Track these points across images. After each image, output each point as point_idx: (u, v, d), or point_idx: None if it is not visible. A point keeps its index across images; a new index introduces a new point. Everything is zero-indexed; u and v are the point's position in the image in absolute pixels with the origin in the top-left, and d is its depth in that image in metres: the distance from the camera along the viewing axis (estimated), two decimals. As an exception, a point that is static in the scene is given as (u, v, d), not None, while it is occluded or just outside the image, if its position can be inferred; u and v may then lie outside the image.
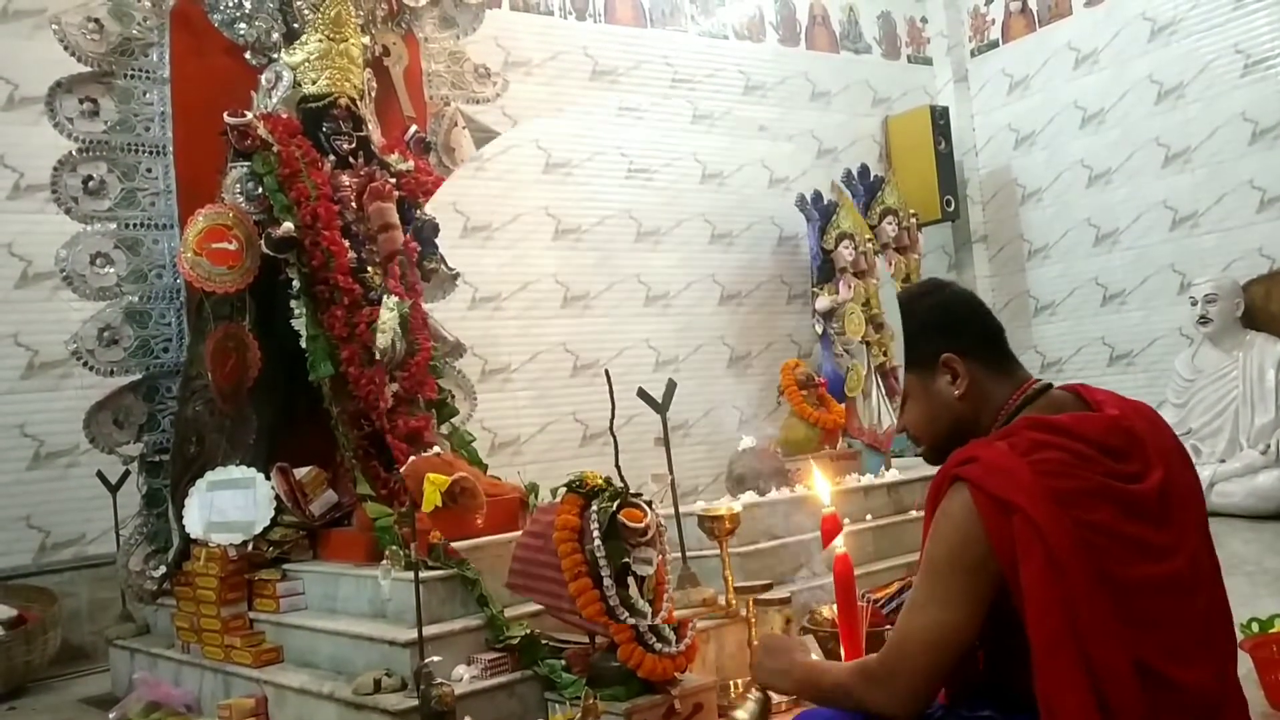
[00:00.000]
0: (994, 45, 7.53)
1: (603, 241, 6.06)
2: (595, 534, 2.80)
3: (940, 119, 7.22)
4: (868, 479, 4.69)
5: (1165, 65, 6.58)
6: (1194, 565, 1.75)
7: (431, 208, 4.45)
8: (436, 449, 3.79)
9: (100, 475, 4.35)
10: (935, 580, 1.75)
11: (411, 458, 3.60)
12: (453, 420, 4.26)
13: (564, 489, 2.94)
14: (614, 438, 3.11)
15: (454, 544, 3.35)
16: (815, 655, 2.16)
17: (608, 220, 6.09)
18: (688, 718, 2.95)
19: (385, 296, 3.84)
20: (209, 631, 3.68)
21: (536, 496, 3.74)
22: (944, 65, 7.71)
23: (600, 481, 2.92)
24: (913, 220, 6.55)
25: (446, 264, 4.45)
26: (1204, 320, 5.78)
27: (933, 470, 1.88)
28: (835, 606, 3.47)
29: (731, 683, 3.30)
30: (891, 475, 4.84)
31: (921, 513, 4.15)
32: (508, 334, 5.61)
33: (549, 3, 6.13)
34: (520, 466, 4.81)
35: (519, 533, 3.28)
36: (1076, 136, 7.08)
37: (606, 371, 3.22)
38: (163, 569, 3.96)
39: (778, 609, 3.51)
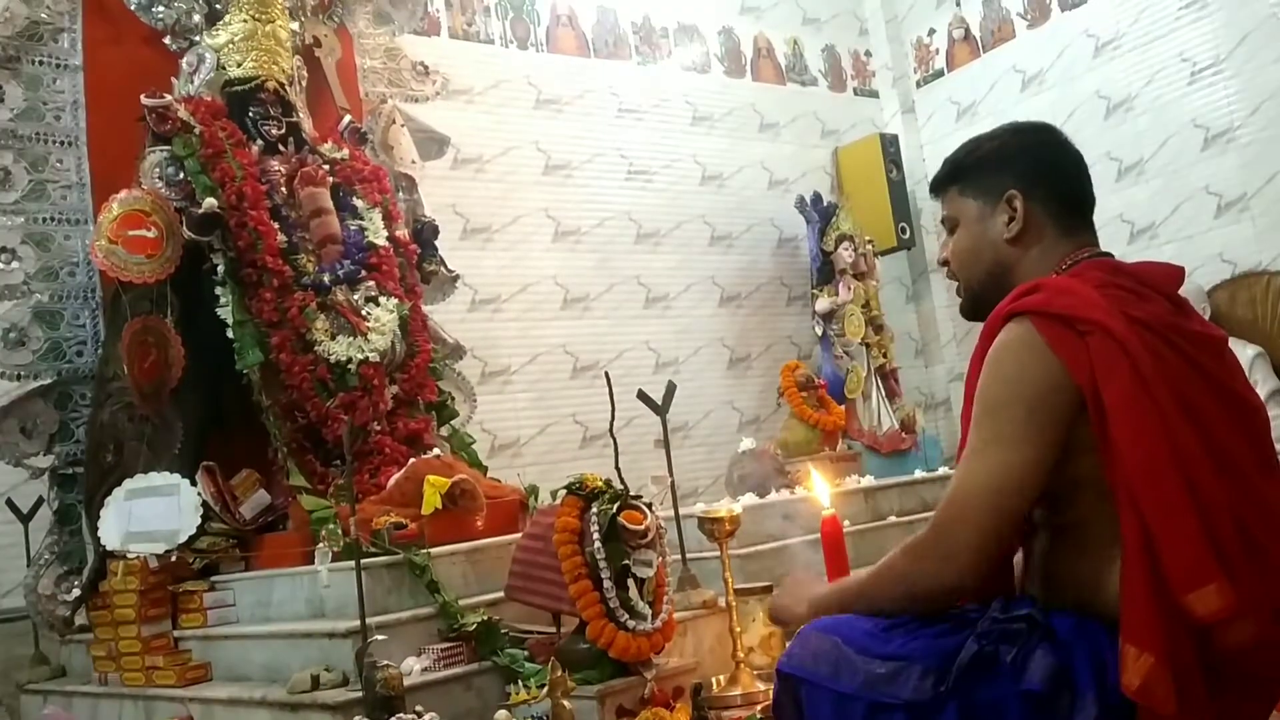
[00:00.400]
0: (939, 74, 7.48)
1: (602, 243, 5.96)
2: (595, 536, 2.67)
3: (890, 146, 7.13)
4: (868, 480, 4.52)
5: (1112, 80, 6.55)
6: (1259, 417, 1.56)
7: (431, 210, 4.47)
8: (436, 451, 3.68)
9: (10, 503, 3.95)
10: (992, 420, 1.53)
11: (411, 460, 3.48)
12: (452, 422, 4.14)
13: (564, 491, 2.81)
14: (614, 440, 3.01)
15: (455, 545, 3.19)
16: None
17: (607, 222, 6.00)
18: (667, 703, 2.69)
19: (384, 298, 3.75)
20: (128, 655, 3.31)
21: (536, 499, 3.61)
22: (890, 97, 7.64)
23: (600, 484, 2.79)
24: (869, 246, 6.44)
25: (446, 266, 4.42)
26: (1172, 326, 5.67)
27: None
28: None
29: (714, 679, 3.04)
30: (868, 480, 4.65)
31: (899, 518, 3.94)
32: (507, 336, 5.49)
33: (489, 31, 6.01)
34: (520, 468, 4.70)
35: (519, 535, 3.12)
36: (1028, 160, 7.01)
37: (606, 374, 3.12)
38: (76, 590, 3.59)
39: (759, 598, 3.32)
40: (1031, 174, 1.74)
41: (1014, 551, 1.68)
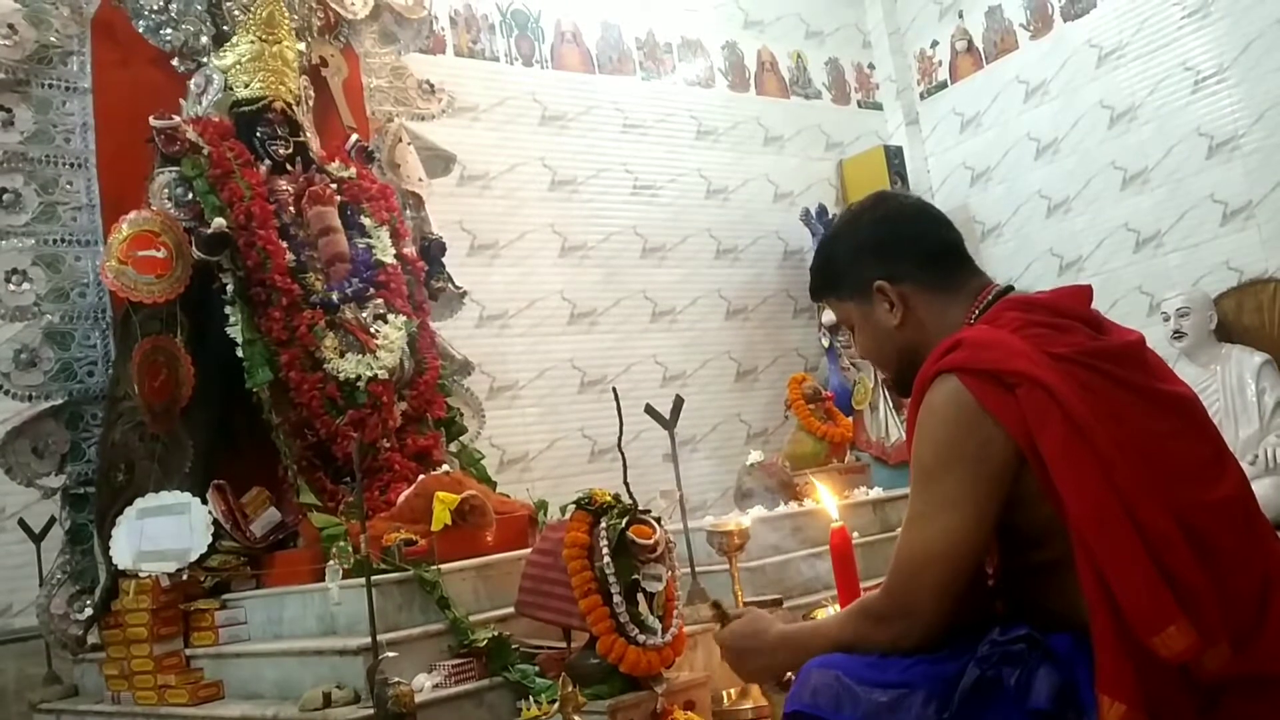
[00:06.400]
0: (943, 86, 7.50)
1: (608, 258, 5.99)
2: (605, 551, 2.70)
3: (895, 158, 7.15)
4: (876, 492, 4.52)
5: (1115, 89, 6.57)
6: (1196, 407, 1.57)
7: (438, 227, 4.50)
8: (446, 467, 3.71)
9: (22, 523, 3.95)
10: (931, 484, 1.52)
11: (421, 476, 3.50)
12: (461, 438, 4.16)
13: (573, 506, 2.84)
14: (622, 454, 2.99)
15: (465, 561, 3.21)
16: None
17: (613, 237, 6.02)
18: (678, 717, 2.70)
19: (392, 315, 3.77)
20: (140, 674, 3.33)
21: (545, 514, 3.61)
22: (894, 109, 7.67)
23: (609, 498, 2.81)
24: (873, 258, 6.44)
25: (454, 282, 4.45)
26: (1178, 335, 5.62)
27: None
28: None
29: (724, 693, 3.05)
30: (876, 492, 4.64)
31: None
32: (515, 351, 5.50)
33: (494, 49, 6.04)
34: (529, 483, 4.68)
35: (528, 550, 3.13)
36: (1032, 168, 7.01)
37: (614, 388, 3.14)
38: (89, 610, 3.60)
39: (769, 612, 3.31)
40: (886, 256, 1.72)
41: (980, 595, 1.67)
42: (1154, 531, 1.40)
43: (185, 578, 3.36)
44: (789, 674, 1.73)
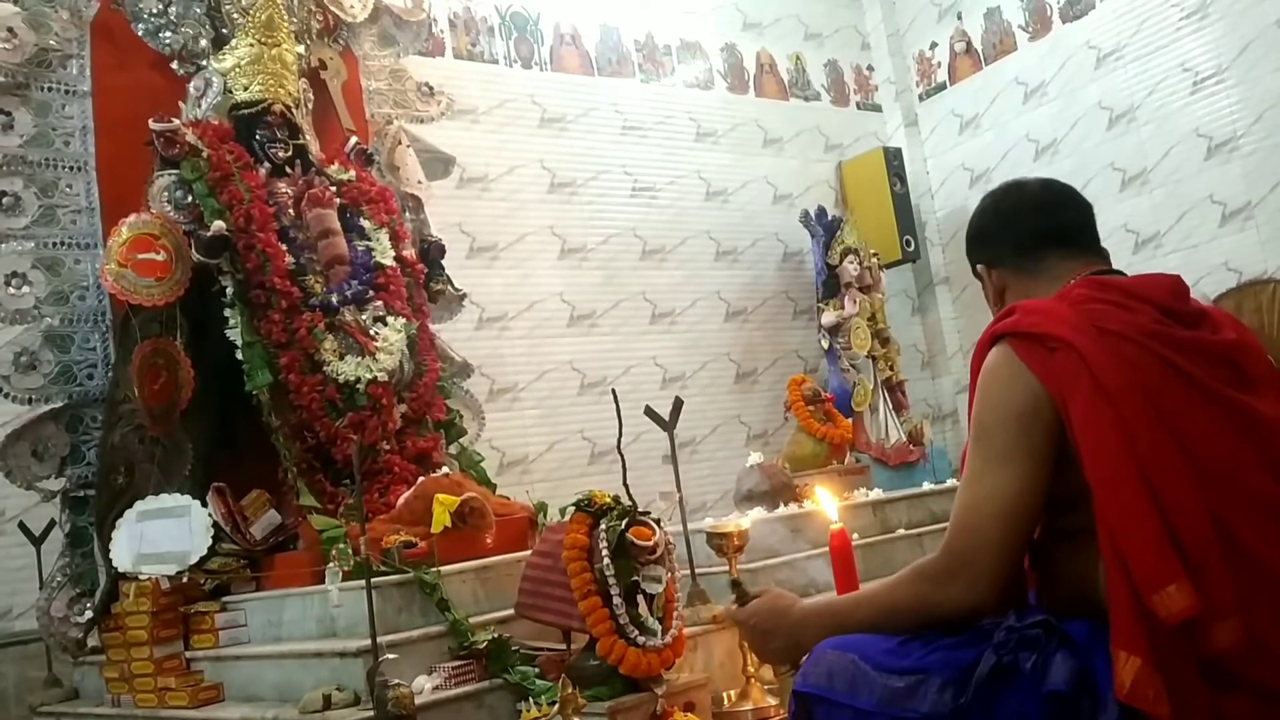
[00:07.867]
0: (942, 87, 7.51)
1: (608, 260, 6.00)
2: (604, 553, 2.69)
3: (894, 160, 7.16)
4: (876, 493, 4.52)
5: (1114, 90, 6.57)
6: (1266, 427, 1.52)
7: (437, 229, 4.51)
8: (445, 469, 3.71)
9: (22, 526, 3.96)
10: (988, 441, 1.56)
11: (421, 478, 3.49)
12: (461, 440, 4.17)
13: (572, 508, 2.83)
14: (621, 456, 2.99)
15: (464, 563, 3.21)
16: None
17: (613, 239, 6.03)
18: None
19: (392, 318, 3.77)
20: (141, 676, 3.33)
21: (545, 515, 3.60)
22: (893, 111, 7.68)
23: (608, 500, 2.81)
24: (874, 259, 6.44)
25: (453, 285, 4.45)
26: (1178, 335, 5.65)
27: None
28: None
29: (724, 694, 3.05)
30: (876, 493, 4.65)
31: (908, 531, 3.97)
32: (515, 353, 5.52)
33: (493, 51, 6.05)
34: (529, 485, 4.70)
35: (528, 552, 3.13)
36: (1031, 170, 6.98)
37: (613, 390, 3.14)
38: (89, 613, 3.60)
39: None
40: (985, 244, 1.86)
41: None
42: (1171, 498, 1.41)
43: (185, 580, 3.35)
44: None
